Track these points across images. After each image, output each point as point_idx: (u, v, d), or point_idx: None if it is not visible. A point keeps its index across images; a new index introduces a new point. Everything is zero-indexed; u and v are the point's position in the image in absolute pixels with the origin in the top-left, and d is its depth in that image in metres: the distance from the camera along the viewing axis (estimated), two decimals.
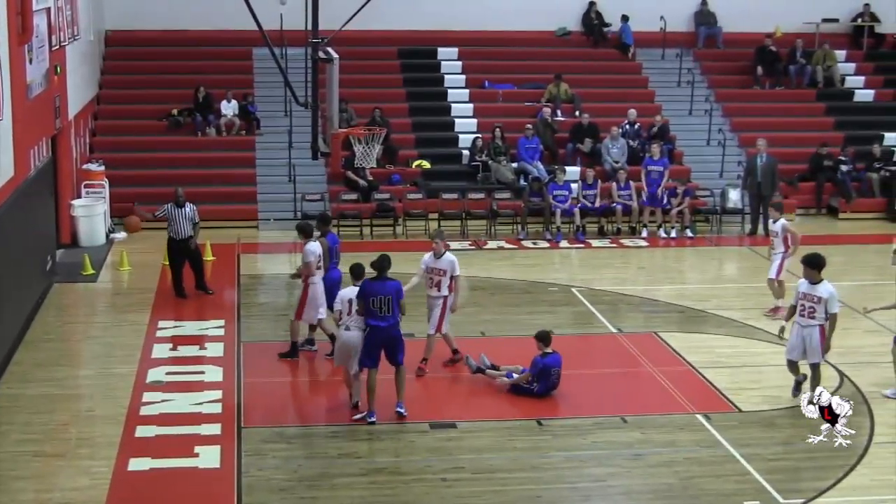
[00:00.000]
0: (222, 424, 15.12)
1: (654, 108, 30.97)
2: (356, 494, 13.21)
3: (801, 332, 15.58)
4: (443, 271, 16.81)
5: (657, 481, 13.73)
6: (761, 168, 26.68)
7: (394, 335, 15.18)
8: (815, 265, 15.60)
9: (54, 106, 22.88)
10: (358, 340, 15.24)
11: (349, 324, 15.33)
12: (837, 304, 15.47)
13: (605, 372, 17.72)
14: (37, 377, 16.87)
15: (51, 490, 13.27)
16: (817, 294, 15.42)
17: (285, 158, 28.19)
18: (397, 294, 15.09)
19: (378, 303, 14.97)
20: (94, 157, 27.43)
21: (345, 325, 15.37)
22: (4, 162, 18.24)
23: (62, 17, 23.83)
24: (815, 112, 32.25)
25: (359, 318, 15.21)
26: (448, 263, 16.84)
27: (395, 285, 15.15)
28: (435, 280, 16.88)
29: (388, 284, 15.10)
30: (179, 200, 20.79)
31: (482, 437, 14.91)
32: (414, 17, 32.56)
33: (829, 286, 15.48)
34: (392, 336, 15.16)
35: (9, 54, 18.61)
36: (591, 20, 33.42)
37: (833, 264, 24.14)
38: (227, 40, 31.35)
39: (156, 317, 19.77)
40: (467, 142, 29.25)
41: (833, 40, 33.73)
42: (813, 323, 15.45)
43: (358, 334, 15.25)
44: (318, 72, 19.09)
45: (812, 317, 15.46)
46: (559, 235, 26.21)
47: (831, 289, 15.46)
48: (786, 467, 14.02)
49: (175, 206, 20.76)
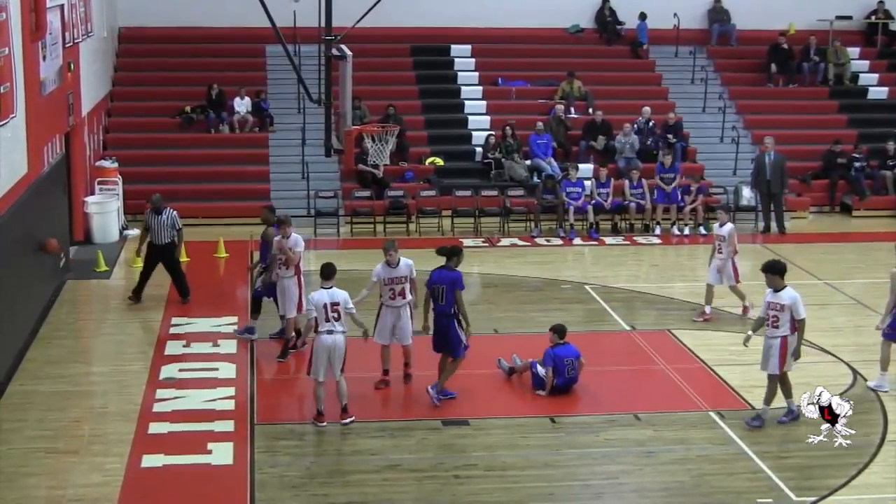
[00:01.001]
0: (235, 421, 15.14)
1: (668, 105, 30.91)
2: (369, 491, 13.21)
3: (765, 342, 15.21)
4: (403, 278, 16.21)
5: (670, 479, 13.71)
6: (770, 166, 26.60)
7: (443, 324, 15.64)
8: (776, 271, 15.13)
9: (68, 103, 22.92)
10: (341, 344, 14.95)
11: (333, 328, 14.89)
12: (803, 309, 15.02)
13: (619, 369, 17.69)
14: (50, 374, 16.91)
15: (63, 487, 13.30)
16: (780, 301, 14.95)
17: (298, 156, 28.20)
18: (452, 284, 15.54)
19: (438, 292, 15.56)
20: (108, 154, 27.45)
21: (327, 329, 14.87)
22: (18, 159, 18.27)
23: (76, 14, 23.87)
24: (828, 110, 32.16)
25: (344, 321, 14.93)
26: (406, 268, 16.27)
27: (454, 276, 15.62)
28: (398, 290, 16.20)
29: (446, 274, 15.61)
30: (157, 207, 20.25)
31: (494, 434, 14.91)
32: (427, 15, 32.58)
33: (793, 292, 15.06)
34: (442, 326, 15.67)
35: (22, 51, 18.64)
36: (605, 17, 33.38)
37: (846, 262, 24.36)
38: (241, 37, 31.37)
39: (169, 313, 19.81)
40: (480, 139, 29.24)
41: (847, 38, 33.64)
42: (776, 333, 14.98)
43: (341, 339, 14.94)
44: (332, 69, 19.12)
45: (775, 326, 14.99)
46: (572, 233, 26.18)
47: (794, 294, 15.01)
48: (799, 465, 13.99)
49: (153, 212, 20.24)
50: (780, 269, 15.17)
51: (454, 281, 15.60)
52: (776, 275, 15.09)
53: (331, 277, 15.16)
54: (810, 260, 23.78)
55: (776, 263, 15.32)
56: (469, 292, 17.28)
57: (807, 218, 28.39)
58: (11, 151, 17.77)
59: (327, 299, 14.90)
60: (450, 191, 27.30)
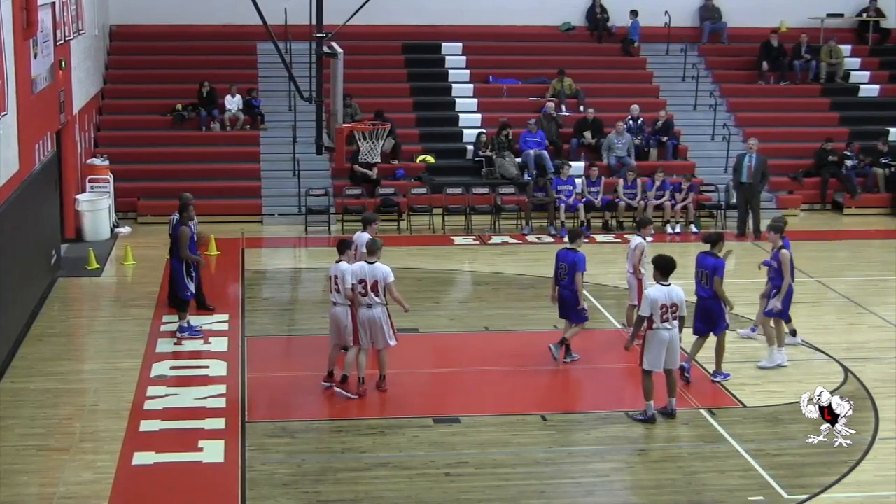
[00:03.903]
0: (226, 419, 15.13)
1: (659, 103, 30.93)
2: (360, 489, 13.21)
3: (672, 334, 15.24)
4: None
5: (661, 476, 13.73)
6: (749, 167, 26.34)
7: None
8: (658, 267, 15.20)
9: (59, 101, 22.88)
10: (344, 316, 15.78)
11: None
12: (644, 309, 15.11)
13: (609, 367, 17.72)
14: (41, 371, 16.89)
15: (55, 484, 13.27)
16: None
17: (289, 153, 28.19)
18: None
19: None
20: (99, 151, 27.43)
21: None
22: (9, 156, 18.25)
23: (67, 11, 23.83)
24: (820, 107, 32.19)
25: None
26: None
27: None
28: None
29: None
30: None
31: (486, 431, 14.92)
32: (418, 12, 32.63)
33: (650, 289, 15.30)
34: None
35: (14, 49, 18.61)
36: (596, 15, 33.39)
37: (838, 259, 24.42)
38: (232, 35, 31.36)
39: (160, 311, 19.77)
40: (472, 137, 29.25)
41: (838, 35, 33.67)
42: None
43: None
44: (323, 67, 19.11)
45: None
46: (563, 230, 26.15)
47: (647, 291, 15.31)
48: (790, 463, 14.01)
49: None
50: (661, 265, 15.16)
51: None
52: (658, 270, 15.17)
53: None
54: (801, 258, 23.68)
55: (662, 259, 15.28)
56: (460, 289, 17.31)
57: (798, 216, 28.43)
58: (3, 149, 17.75)
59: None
60: (441, 188, 27.31)
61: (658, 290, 15.00)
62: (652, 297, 14.94)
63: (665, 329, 14.97)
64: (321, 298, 21.72)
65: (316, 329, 18.95)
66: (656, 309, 14.88)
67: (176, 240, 18.41)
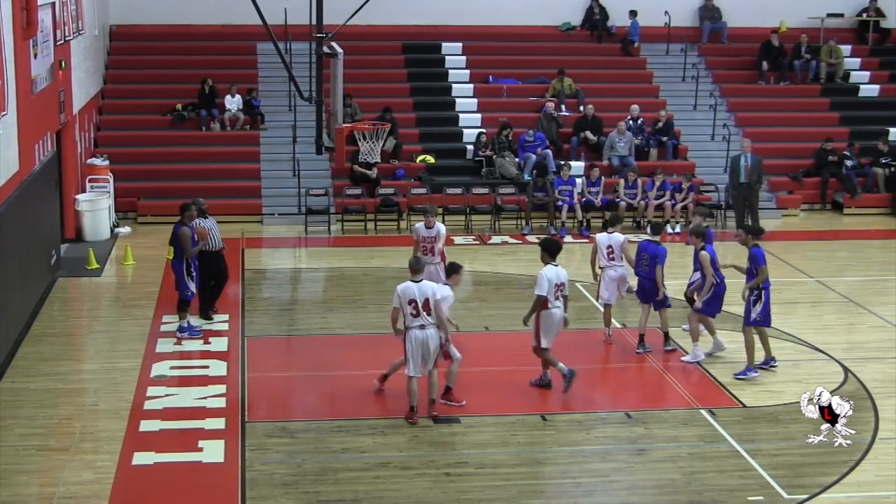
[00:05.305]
0: (226, 419, 15.12)
1: (659, 103, 30.93)
2: (360, 489, 13.21)
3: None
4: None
5: (661, 476, 13.72)
6: (746, 168, 26.27)
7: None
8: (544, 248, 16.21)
9: (59, 101, 22.88)
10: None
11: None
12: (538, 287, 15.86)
13: (609, 367, 17.74)
14: (41, 371, 16.89)
15: (55, 484, 13.27)
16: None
17: (289, 153, 28.19)
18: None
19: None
20: (99, 151, 27.43)
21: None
22: (9, 156, 18.25)
23: (67, 11, 23.83)
24: (820, 107, 32.18)
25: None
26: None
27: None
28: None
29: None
30: (202, 210, 19.08)
31: (485, 431, 14.92)
32: (418, 12, 32.64)
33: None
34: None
35: (14, 49, 18.61)
36: (594, 15, 33.38)
37: (838, 259, 24.41)
38: (232, 35, 31.37)
39: (160, 311, 19.77)
40: (471, 137, 29.25)
41: (838, 35, 33.67)
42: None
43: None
44: (323, 67, 19.11)
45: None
46: (563, 230, 26.19)
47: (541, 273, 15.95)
48: (790, 463, 14.00)
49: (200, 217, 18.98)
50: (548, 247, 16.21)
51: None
52: (545, 252, 16.13)
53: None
54: (801, 258, 23.81)
55: (549, 242, 16.44)
56: (460, 289, 17.31)
57: (798, 216, 28.43)
58: (3, 149, 17.75)
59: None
60: (441, 188, 27.31)
61: (550, 270, 15.93)
62: (548, 276, 15.84)
63: (556, 307, 15.94)
64: (321, 298, 21.78)
65: (316, 329, 18.95)
66: (551, 288, 15.79)
67: (177, 242, 18.36)
